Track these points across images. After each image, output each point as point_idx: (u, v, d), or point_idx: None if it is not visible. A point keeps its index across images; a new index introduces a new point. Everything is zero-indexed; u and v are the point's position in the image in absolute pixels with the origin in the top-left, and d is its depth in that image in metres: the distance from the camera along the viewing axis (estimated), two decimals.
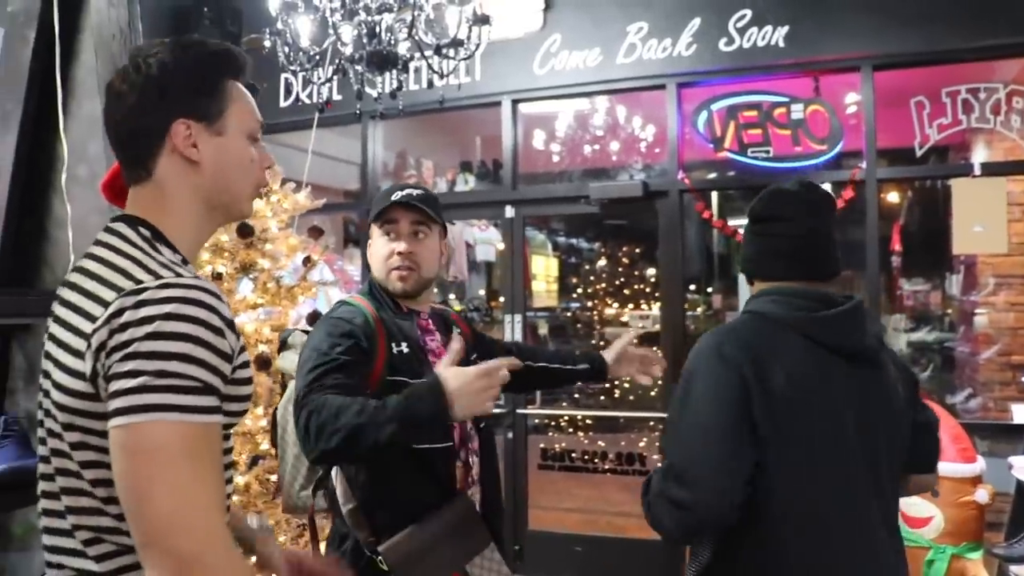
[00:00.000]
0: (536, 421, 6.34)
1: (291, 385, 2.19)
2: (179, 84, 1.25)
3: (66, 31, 2.52)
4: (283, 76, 5.56)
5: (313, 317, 3.07)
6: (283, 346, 2.40)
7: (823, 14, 4.65)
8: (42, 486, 1.23)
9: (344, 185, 6.81)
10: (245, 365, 1.23)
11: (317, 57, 3.95)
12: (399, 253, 2.10)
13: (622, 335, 2.52)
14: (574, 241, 9.33)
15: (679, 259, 5.16)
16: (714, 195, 5.92)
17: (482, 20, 4.13)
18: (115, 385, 1.07)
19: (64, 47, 2.51)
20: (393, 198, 2.10)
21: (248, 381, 1.25)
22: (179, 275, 1.16)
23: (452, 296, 7.83)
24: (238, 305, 3.14)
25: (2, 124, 2.57)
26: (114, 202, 1.92)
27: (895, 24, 4.51)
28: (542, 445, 5.56)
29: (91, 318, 1.13)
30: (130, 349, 1.07)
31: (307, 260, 3.40)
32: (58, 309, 1.23)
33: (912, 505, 3.55)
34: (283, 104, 5.90)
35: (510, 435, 5.36)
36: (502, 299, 5.75)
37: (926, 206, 6.34)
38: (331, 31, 3.75)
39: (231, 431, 1.28)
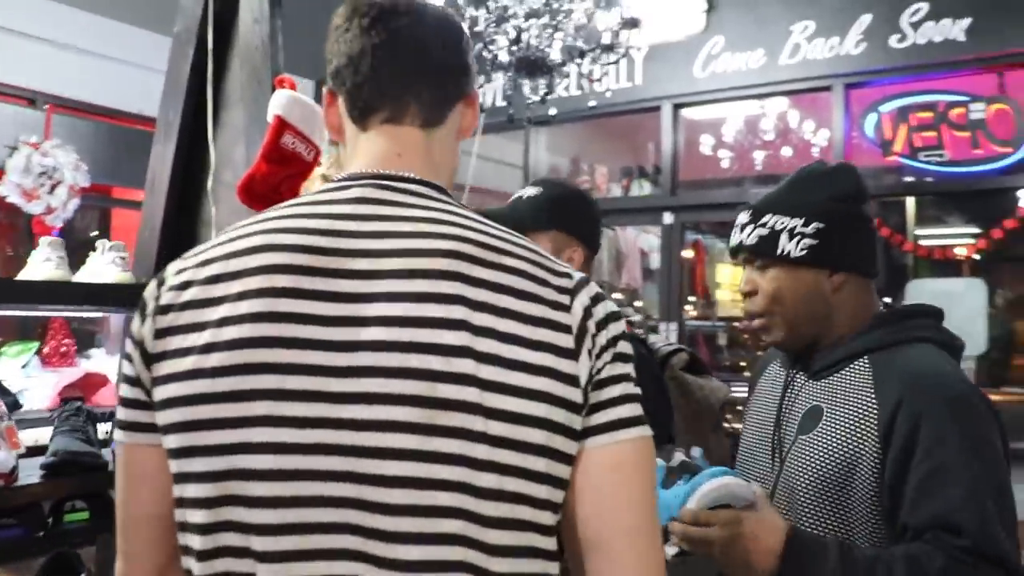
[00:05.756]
0: None
1: None
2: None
3: (219, 46, 2.76)
4: None
5: None
6: None
7: (1009, 4, 4.23)
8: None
9: (513, 190, 6.91)
10: None
11: None
12: None
13: None
14: None
15: None
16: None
17: (631, 24, 4.11)
18: (611, 391, 0.90)
19: (216, 61, 2.76)
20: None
21: None
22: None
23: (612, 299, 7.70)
24: None
25: (165, 133, 2.86)
26: (251, 205, 2.06)
27: None
28: None
29: (556, 306, 0.89)
30: (617, 349, 0.92)
31: None
32: (487, 295, 0.87)
33: None
34: None
35: None
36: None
37: None
38: (481, 39, 3.87)
39: None
